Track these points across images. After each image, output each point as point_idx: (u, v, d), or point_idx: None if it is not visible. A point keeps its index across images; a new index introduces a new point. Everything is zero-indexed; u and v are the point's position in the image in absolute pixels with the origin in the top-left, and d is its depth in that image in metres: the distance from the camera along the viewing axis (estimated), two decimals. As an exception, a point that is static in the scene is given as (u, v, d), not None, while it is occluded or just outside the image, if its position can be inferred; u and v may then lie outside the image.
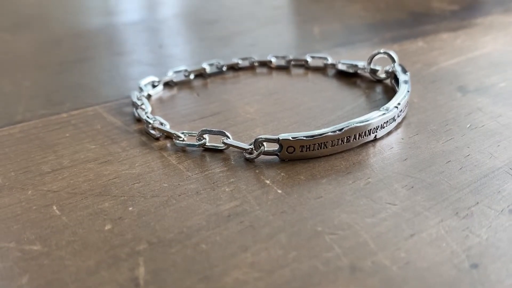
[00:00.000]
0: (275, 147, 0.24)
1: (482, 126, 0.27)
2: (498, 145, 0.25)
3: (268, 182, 0.23)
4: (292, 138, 0.24)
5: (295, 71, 0.36)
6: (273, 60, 0.37)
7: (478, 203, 0.21)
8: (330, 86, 0.33)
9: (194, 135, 0.26)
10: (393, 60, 0.32)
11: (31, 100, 0.33)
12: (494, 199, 0.21)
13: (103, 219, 0.21)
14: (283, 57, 0.37)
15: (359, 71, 0.34)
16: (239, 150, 0.25)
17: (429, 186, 0.22)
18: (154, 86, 0.33)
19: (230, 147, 0.25)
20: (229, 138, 0.25)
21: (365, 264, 0.18)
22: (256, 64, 0.37)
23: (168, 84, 0.34)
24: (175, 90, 0.34)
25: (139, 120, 0.29)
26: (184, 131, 0.26)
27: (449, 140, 0.26)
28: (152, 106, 0.31)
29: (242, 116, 0.29)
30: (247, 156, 0.25)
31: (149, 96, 0.32)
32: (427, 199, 0.21)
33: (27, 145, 0.27)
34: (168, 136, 0.27)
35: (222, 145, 0.25)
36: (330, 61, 0.35)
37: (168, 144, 0.26)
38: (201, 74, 0.35)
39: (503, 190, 0.22)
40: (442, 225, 0.20)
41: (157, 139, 0.27)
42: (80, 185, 0.23)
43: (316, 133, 0.24)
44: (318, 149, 0.24)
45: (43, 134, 0.28)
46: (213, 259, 0.18)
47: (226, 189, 0.22)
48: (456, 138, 0.26)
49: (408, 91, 0.28)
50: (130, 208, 0.21)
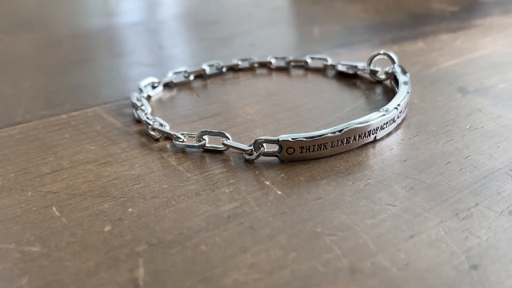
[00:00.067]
0: (275, 148, 0.24)
1: (482, 127, 0.27)
2: (498, 146, 0.25)
3: (268, 183, 0.23)
4: (292, 139, 0.24)
5: (295, 72, 0.36)
6: (273, 61, 0.37)
7: (478, 204, 0.21)
8: (330, 87, 0.33)
9: (194, 136, 0.26)
10: (393, 61, 0.32)
11: (31, 101, 0.33)
12: (494, 200, 0.21)
13: (103, 220, 0.21)
14: (283, 58, 0.37)
15: (359, 72, 0.34)
16: (239, 151, 0.25)
17: (429, 187, 0.22)
18: (154, 87, 0.33)
19: (230, 148, 0.25)
20: (229, 139, 0.25)
21: (365, 265, 0.18)
22: (256, 65, 0.37)
23: (168, 85, 0.34)
24: (175, 91, 0.34)
25: (139, 121, 0.29)
26: (184, 132, 0.26)
27: (449, 141, 0.26)
28: (152, 107, 0.31)
29: (242, 117, 0.29)
30: (247, 157, 0.25)
31: (149, 97, 0.32)
32: (427, 200, 0.21)
33: (27, 146, 0.27)
34: (168, 137, 0.27)
35: (222, 146, 0.25)
36: (330, 62, 0.35)
37: (168, 145, 0.26)
38: (201, 75, 0.35)
39: (503, 191, 0.22)
40: (442, 226, 0.20)
41: (157, 140, 0.27)
42: (80, 186, 0.23)
43: (316, 134, 0.24)
44: (318, 150, 0.24)
45: (43, 135, 0.28)
46: (213, 260, 0.18)
47: (226, 190, 0.22)
48: (456, 139, 0.26)
49: (408, 92, 0.28)
50: (130, 209, 0.21)
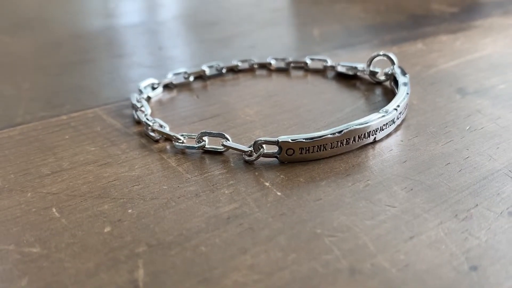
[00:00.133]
0: (275, 149, 0.24)
1: (482, 128, 0.27)
2: (498, 147, 0.25)
3: (268, 184, 0.23)
4: (292, 140, 0.24)
5: (295, 73, 0.36)
6: (273, 62, 0.37)
7: (478, 205, 0.21)
8: (330, 88, 0.33)
9: (194, 137, 0.26)
10: (393, 62, 0.32)
11: (31, 102, 0.33)
12: (494, 201, 0.21)
13: (103, 221, 0.21)
14: (283, 59, 0.37)
15: (359, 73, 0.34)
16: (239, 152, 0.25)
17: (429, 188, 0.22)
18: (154, 88, 0.33)
19: (230, 149, 0.25)
20: (229, 140, 0.25)
21: (365, 267, 0.18)
22: (256, 66, 0.37)
23: (168, 86, 0.34)
24: (175, 92, 0.34)
25: (139, 122, 0.29)
26: (184, 133, 0.26)
27: (449, 142, 0.26)
28: (152, 108, 0.31)
29: (242, 118, 0.29)
30: (247, 158, 0.25)
31: (149, 98, 0.32)
32: (427, 201, 0.21)
33: (27, 147, 0.27)
34: (168, 138, 0.27)
35: (222, 147, 0.25)
36: (330, 63, 0.35)
37: (168, 146, 0.26)
38: (201, 76, 0.36)
39: (502, 192, 0.22)
40: (442, 227, 0.20)
41: (157, 141, 0.27)
42: (80, 187, 0.23)
43: (316, 135, 0.24)
44: (318, 151, 0.24)
45: (43, 136, 0.28)
46: (213, 261, 0.18)
47: (226, 191, 0.22)
48: (456, 140, 0.26)
49: (408, 93, 0.28)
50: (130, 210, 0.21)
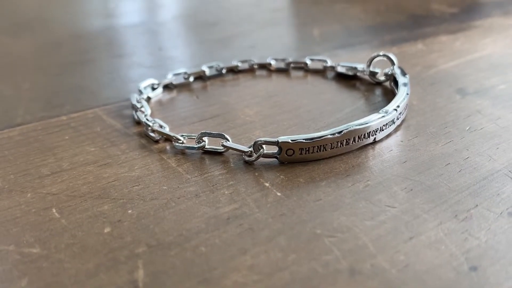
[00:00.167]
0: (275, 150, 0.24)
1: (481, 129, 0.27)
2: (497, 148, 0.25)
3: (268, 185, 0.23)
4: (292, 141, 0.24)
5: (295, 74, 0.36)
6: (273, 63, 0.37)
7: (477, 206, 0.21)
8: (330, 89, 0.33)
9: (194, 138, 0.26)
10: (393, 63, 0.32)
11: (31, 103, 0.33)
12: (493, 202, 0.21)
13: (102, 222, 0.21)
14: (283, 60, 0.37)
15: (359, 74, 0.34)
16: (239, 153, 0.25)
17: (428, 189, 0.22)
18: (154, 89, 0.33)
19: (230, 150, 0.25)
20: (229, 141, 0.25)
21: (364, 267, 0.18)
22: (256, 67, 0.37)
23: (168, 87, 0.34)
24: (175, 93, 0.34)
25: (139, 123, 0.29)
26: (184, 134, 0.26)
27: (448, 143, 0.26)
28: (152, 109, 0.31)
29: (242, 119, 0.29)
30: (247, 159, 0.25)
31: (149, 99, 0.32)
32: (426, 202, 0.21)
33: (27, 148, 0.27)
34: (168, 139, 0.27)
35: (222, 148, 0.25)
36: (330, 64, 0.35)
37: (168, 147, 0.26)
38: (201, 77, 0.36)
39: (502, 193, 0.22)
40: (441, 228, 0.20)
41: (157, 142, 0.27)
42: (80, 188, 0.23)
43: (316, 136, 0.24)
44: (318, 152, 0.24)
45: (43, 137, 0.28)
46: (212, 262, 0.18)
47: (226, 192, 0.22)
48: (455, 141, 0.26)
49: (408, 94, 0.28)
50: (130, 211, 0.21)
